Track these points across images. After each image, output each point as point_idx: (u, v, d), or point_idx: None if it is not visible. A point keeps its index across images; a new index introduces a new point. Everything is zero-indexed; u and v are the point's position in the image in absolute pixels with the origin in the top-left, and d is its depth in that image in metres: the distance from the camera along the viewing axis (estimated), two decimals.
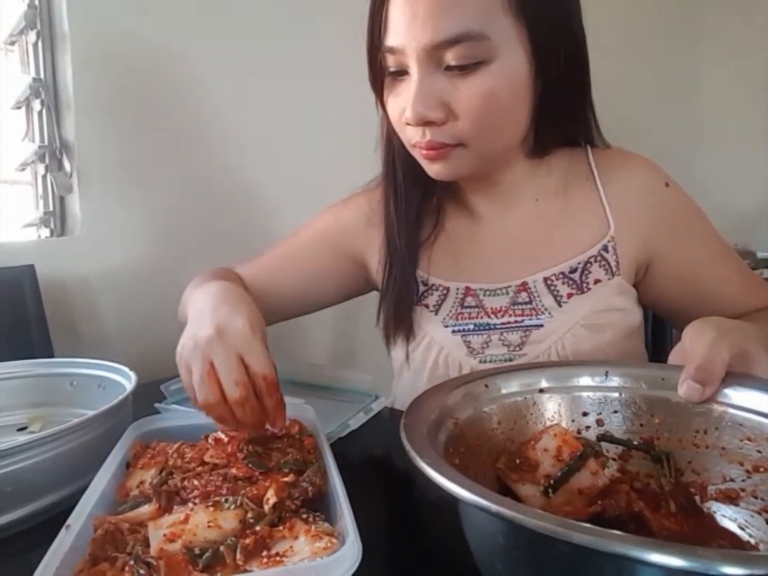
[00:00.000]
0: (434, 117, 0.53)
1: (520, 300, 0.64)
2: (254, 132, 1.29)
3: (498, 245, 0.67)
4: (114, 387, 0.62)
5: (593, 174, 0.65)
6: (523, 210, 0.66)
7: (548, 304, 0.63)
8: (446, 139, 0.55)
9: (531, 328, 0.64)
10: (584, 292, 0.63)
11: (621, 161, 0.66)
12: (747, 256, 2.08)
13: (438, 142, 0.55)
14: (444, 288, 0.67)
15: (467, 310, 0.66)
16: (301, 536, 0.36)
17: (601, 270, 0.63)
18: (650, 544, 0.24)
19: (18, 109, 1.03)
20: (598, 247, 0.63)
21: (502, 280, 0.65)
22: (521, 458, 0.43)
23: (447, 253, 0.68)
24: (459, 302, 0.66)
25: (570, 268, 0.63)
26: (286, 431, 0.53)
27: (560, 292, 0.63)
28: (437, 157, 0.56)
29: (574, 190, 0.65)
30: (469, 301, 0.66)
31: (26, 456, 0.46)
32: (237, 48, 1.24)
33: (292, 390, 0.81)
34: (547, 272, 0.64)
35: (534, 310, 0.64)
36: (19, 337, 0.88)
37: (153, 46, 1.10)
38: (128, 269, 1.08)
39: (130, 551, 0.35)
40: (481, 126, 0.54)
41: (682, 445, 0.44)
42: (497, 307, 0.65)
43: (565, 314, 0.63)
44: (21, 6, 0.99)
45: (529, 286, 0.64)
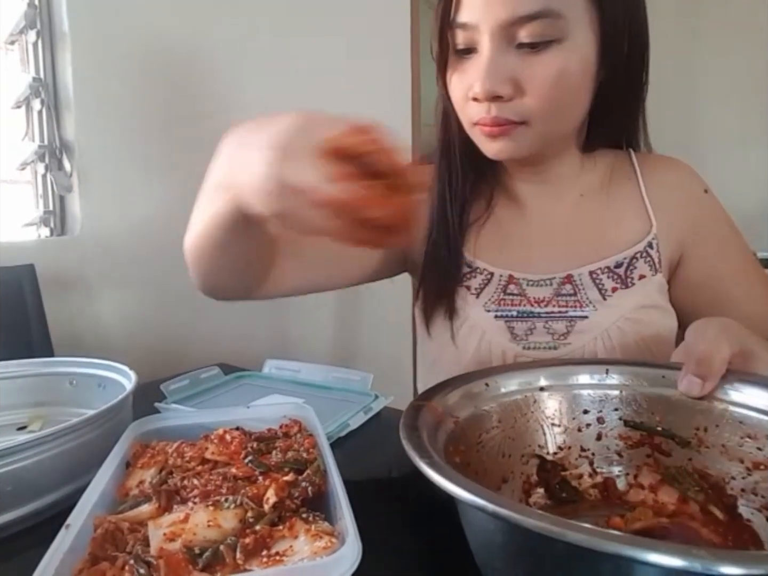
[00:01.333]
0: (503, 92, 0.54)
1: (564, 292, 0.64)
2: None
3: (542, 237, 0.67)
4: (114, 386, 0.62)
5: (636, 174, 0.67)
6: (568, 204, 0.67)
7: (593, 297, 0.63)
8: (512, 115, 0.55)
9: (576, 319, 0.63)
10: (629, 287, 0.63)
11: (664, 164, 0.68)
12: None
13: (503, 118, 0.55)
14: (488, 272, 0.66)
15: (510, 297, 0.66)
16: (301, 536, 0.36)
17: (646, 266, 0.64)
18: (646, 543, 0.24)
19: (18, 108, 1.03)
20: (644, 243, 0.64)
21: (545, 272, 0.65)
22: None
23: (494, 238, 0.68)
24: (502, 289, 0.66)
25: (616, 262, 0.64)
26: (287, 431, 0.53)
27: (605, 285, 0.63)
28: (500, 134, 0.57)
29: (617, 188, 0.67)
30: (512, 288, 0.66)
31: (26, 455, 0.46)
32: (237, 48, 1.24)
33: (293, 390, 0.81)
34: (592, 266, 0.64)
35: (578, 302, 0.64)
36: (19, 337, 0.88)
37: (153, 46, 1.10)
38: (128, 269, 1.08)
39: (130, 551, 0.35)
40: (548, 104, 0.55)
41: (683, 442, 0.44)
42: (540, 297, 0.65)
43: (610, 307, 0.63)
44: (21, 5, 0.99)
45: (574, 278, 0.64)
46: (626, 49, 0.57)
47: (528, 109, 0.55)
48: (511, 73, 0.54)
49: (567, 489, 0.46)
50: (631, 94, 0.62)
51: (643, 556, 0.24)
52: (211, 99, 1.20)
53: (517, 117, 0.56)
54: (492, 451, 0.45)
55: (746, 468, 0.41)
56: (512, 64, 0.54)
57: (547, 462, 0.47)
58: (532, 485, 0.46)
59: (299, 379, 0.85)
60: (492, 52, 0.54)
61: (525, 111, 0.55)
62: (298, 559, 0.34)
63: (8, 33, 1.00)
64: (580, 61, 0.55)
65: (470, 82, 0.56)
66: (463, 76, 0.58)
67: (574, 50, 0.54)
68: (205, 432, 0.51)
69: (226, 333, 1.23)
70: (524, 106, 0.55)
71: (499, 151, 0.59)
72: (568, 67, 0.54)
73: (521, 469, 0.46)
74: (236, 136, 0.42)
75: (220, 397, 0.78)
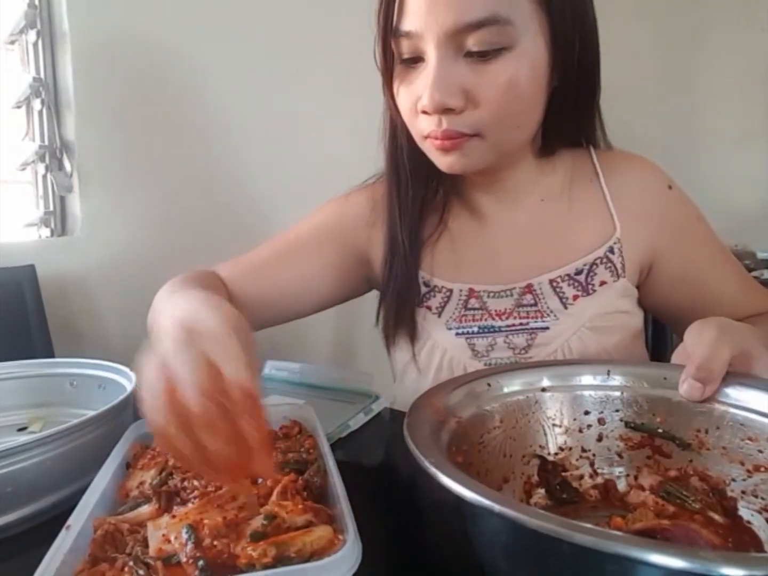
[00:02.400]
0: (453, 104, 0.51)
1: (525, 302, 0.63)
2: (255, 131, 1.29)
3: (502, 246, 0.66)
4: (114, 387, 0.62)
5: (598, 174, 0.65)
6: (529, 210, 0.65)
7: (553, 306, 0.63)
8: (464, 128, 0.53)
9: (537, 331, 0.63)
10: (590, 293, 0.62)
11: (625, 163, 0.66)
12: (747, 256, 2.07)
13: (455, 131, 0.53)
14: (447, 290, 0.66)
15: (471, 312, 0.65)
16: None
17: (607, 272, 0.63)
18: (651, 545, 0.25)
19: (18, 108, 1.03)
20: (604, 249, 0.63)
21: (506, 282, 0.64)
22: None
23: (450, 253, 0.67)
24: (462, 304, 0.65)
25: (576, 269, 0.63)
26: (287, 431, 0.53)
27: (566, 293, 0.63)
28: (452, 147, 0.54)
29: (578, 191, 0.65)
30: (473, 303, 0.65)
31: (26, 456, 0.46)
32: (237, 47, 1.24)
33: (293, 390, 0.81)
34: (552, 274, 0.63)
35: (539, 312, 0.63)
36: (19, 337, 0.88)
37: (153, 46, 1.10)
38: (128, 269, 1.08)
39: (130, 552, 0.35)
40: (501, 115, 0.53)
41: (683, 444, 0.44)
42: (501, 310, 0.64)
43: (570, 317, 0.62)
44: (21, 5, 0.99)
45: (534, 287, 0.63)
46: (577, 53, 0.55)
47: (481, 121, 0.53)
48: (460, 83, 0.51)
49: (568, 490, 0.46)
50: (585, 98, 0.60)
51: (650, 558, 0.24)
52: (210, 99, 1.20)
53: (470, 129, 0.53)
54: (494, 451, 0.45)
55: (746, 470, 0.41)
56: (461, 75, 0.51)
57: (548, 462, 0.47)
58: (533, 485, 0.46)
59: (299, 379, 0.85)
60: (439, 62, 0.51)
61: (477, 123, 0.53)
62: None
63: (8, 33, 1.00)
64: (531, 68, 0.52)
65: (418, 94, 0.53)
66: (411, 87, 0.55)
67: (524, 57, 0.52)
68: None
69: None
70: (476, 117, 0.53)
71: (452, 164, 0.56)
72: (520, 75, 0.52)
73: (522, 470, 0.46)
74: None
75: None
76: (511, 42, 0.50)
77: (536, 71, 0.53)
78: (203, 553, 0.33)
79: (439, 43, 0.51)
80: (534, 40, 0.52)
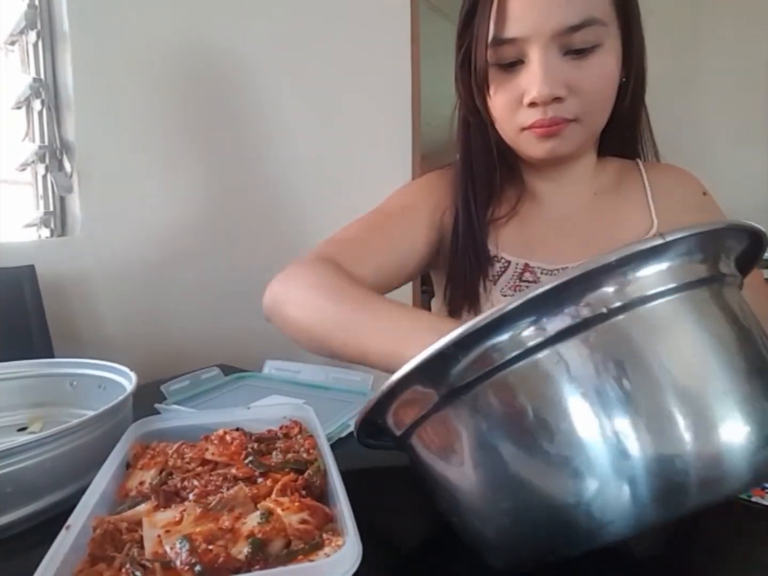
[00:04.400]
0: (560, 93, 0.59)
1: None
2: (256, 131, 1.29)
3: (559, 230, 0.72)
4: (114, 387, 0.62)
5: (643, 179, 0.73)
6: (583, 201, 0.73)
7: None
8: (567, 114, 0.61)
9: None
10: None
11: (667, 171, 0.75)
12: None
13: (560, 117, 0.61)
14: (506, 261, 0.71)
15: (524, 284, 0.70)
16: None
17: None
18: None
19: (18, 109, 1.03)
20: (649, 236, 0.68)
21: (559, 262, 0.69)
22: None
23: (514, 233, 0.72)
24: (517, 276, 0.70)
25: None
26: (287, 431, 0.53)
27: None
28: (555, 132, 0.62)
29: (625, 191, 0.73)
30: (527, 276, 0.70)
31: (26, 456, 0.46)
32: (237, 47, 1.24)
33: (293, 390, 0.81)
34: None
35: None
36: (19, 337, 0.88)
37: (153, 46, 1.10)
38: (128, 269, 1.08)
39: (128, 552, 0.35)
40: (597, 101, 0.62)
41: None
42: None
43: None
44: (21, 6, 0.99)
45: None
46: (635, 62, 0.64)
47: (581, 108, 0.61)
48: (564, 76, 0.59)
49: None
50: (636, 100, 0.68)
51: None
52: (210, 99, 1.20)
53: (571, 115, 0.61)
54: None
55: None
56: (564, 70, 0.59)
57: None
58: None
59: (299, 379, 0.85)
60: (546, 60, 0.59)
61: (578, 109, 0.61)
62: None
63: (8, 33, 1.00)
64: (616, 61, 0.62)
65: (520, 91, 0.61)
66: (510, 85, 0.62)
67: (611, 52, 0.61)
68: (205, 433, 0.51)
69: (226, 333, 1.23)
70: (577, 104, 0.61)
71: (551, 149, 0.64)
72: (610, 68, 0.61)
73: None
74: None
75: (220, 398, 0.78)
76: (603, 39, 0.59)
77: (618, 64, 0.62)
78: (199, 558, 0.33)
79: (546, 44, 0.58)
80: (615, 37, 0.61)
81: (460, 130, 0.72)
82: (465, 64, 0.65)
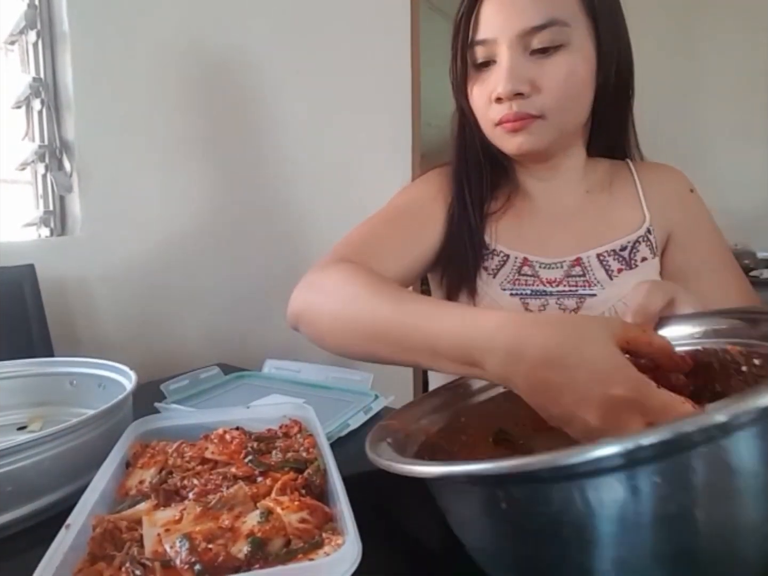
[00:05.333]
0: (523, 89, 0.62)
1: (574, 273, 0.71)
2: (257, 131, 1.29)
3: (554, 226, 0.73)
4: (114, 386, 0.62)
5: (634, 177, 0.75)
6: (576, 198, 0.75)
7: (600, 277, 0.70)
8: (531, 110, 0.63)
9: (585, 296, 0.70)
10: (632, 268, 0.70)
11: (657, 169, 0.77)
12: (747, 256, 2.07)
13: (524, 112, 0.63)
14: (505, 254, 0.73)
15: (524, 278, 0.72)
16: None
17: (647, 249, 0.71)
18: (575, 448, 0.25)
19: (18, 108, 1.03)
20: (644, 229, 0.71)
21: (557, 256, 0.71)
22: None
23: (510, 227, 0.74)
24: (516, 270, 0.72)
25: (621, 246, 0.71)
26: (287, 431, 0.53)
27: (611, 266, 0.70)
28: (521, 127, 0.64)
29: (617, 188, 0.75)
30: (526, 270, 0.72)
31: (26, 455, 0.46)
32: (237, 47, 1.24)
33: (293, 390, 0.81)
34: (599, 249, 0.71)
35: (587, 282, 0.70)
36: (19, 337, 0.88)
37: (153, 46, 1.10)
38: (128, 269, 1.08)
39: (128, 551, 0.35)
40: (560, 99, 0.63)
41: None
42: (552, 278, 0.71)
43: (615, 287, 0.69)
44: (21, 6, 0.99)
45: (582, 261, 0.71)
46: (615, 64, 0.66)
47: (544, 104, 0.63)
48: (528, 74, 0.62)
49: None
50: (621, 102, 0.71)
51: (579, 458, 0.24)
52: (211, 99, 1.20)
53: (536, 111, 0.64)
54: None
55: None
56: (528, 68, 0.63)
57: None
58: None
59: (299, 379, 0.85)
60: (511, 59, 0.62)
61: (542, 105, 0.63)
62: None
63: (8, 33, 1.00)
64: (583, 61, 0.63)
65: (492, 87, 0.65)
66: (484, 84, 0.66)
67: (577, 52, 0.63)
68: (205, 432, 0.51)
69: (226, 332, 1.23)
70: (541, 101, 0.63)
71: (520, 144, 0.66)
72: (575, 66, 0.63)
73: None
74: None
75: (220, 397, 0.78)
76: (567, 40, 0.62)
77: (587, 64, 0.64)
78: (198, 557, 0.33)
79: (511, 44, 0.62)
80: (583, 38, 0.63)
81: (455, 133, 0.75)
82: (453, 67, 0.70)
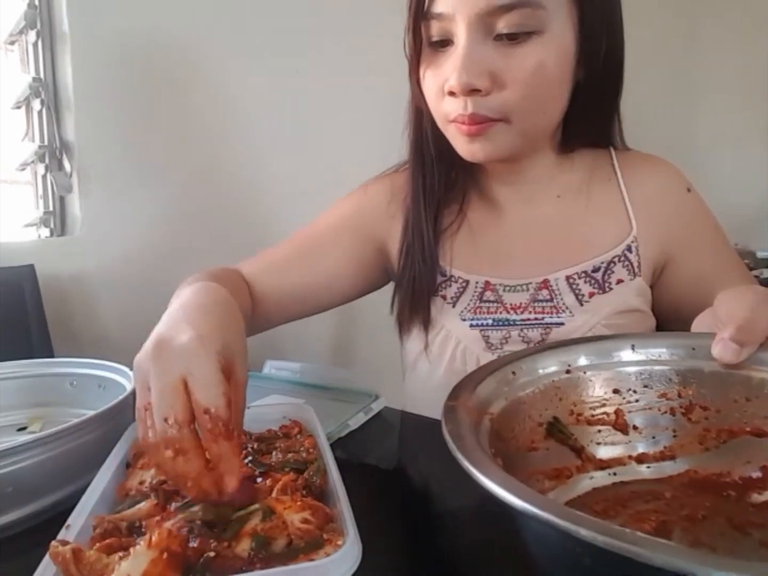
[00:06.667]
0: (480, 85, 0.51)
1: (541, 297, 0.63)
2: (257, 131, 1.29)
3: (519, 239, 0.66)
4: (114, 387, 0.62)
5: (616, 174, 0.65)
6: (546, 206, 0.66)
7: (569, 302, 0.63)
8: (490, 112, 0.53)
9: (551, 326, 0.63)
10: (606, 291, 0.62)
11: (644, 164, 0.66)
12: (747, 256, 2.07)
13: (481, 115, 0.53)
14: (463, 281, 0.66)
15: (486, 305, 0.65)
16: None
17: (624, 270, 0.63)
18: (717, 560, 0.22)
19: (18, 109, 1.03)
20: (622, 247, 0.63)
21: (522, 277, 0.64)
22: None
23: (468, 245, 0.67)
24: (478, 296, 0.65)
25: (593, 267, 0.63)
26: (287, 431, 0.53)
27: (582, 290, 0.63)
28: (477, 132, 0.54)
29: (596, 189, 0.65)
30: (488, 295, 0.65)
31: (26, 456, 0.45)
32: (238, 46, 1.24)
33: (293, 390, 0.81)
34: (569, 270, 0.63)
35: (555, 308, 0.63)
36: (19, 337, 0.88)
37: (153, 46, 1.10)
38: (128, 269, 1.08)
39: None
40: (527, 98, 0.53)
41: (722, 415, 0.41)
42: (517, 304, 0.64)
43: (586, 313, 0.62)
44: (21, 6, 0.99)
45: (550, 283, 0.63)
46: (603, 51, 0.55)
47: (507, 104, 0.53)
48: (488, 65, 0.51)
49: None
50: (608, 94, 0.61)
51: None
52: (211, 99, 1.20)
53: (496, 113, 0.53)
54: (523, 445, 0.41)
55: None
56: (490, 57, 0.51)
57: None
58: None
59: (299, 379, 0.85)
60: (469, 43, 0.51)
61: (503, 106, 0.53)
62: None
63: (8, 33, 1.00)
64: (559, 54, 0.52)
65: (445, 77, 0.53)
66: (438, 70, 0.55)
67: (553, 43, 0.52)
68: None
69: None
70: (502, 100, 0.52)
71: (476, 151, 0.56)
72: (547, 60, 0.52)
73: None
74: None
75: None
76: (541, 26, 0.51)
77: (563, 59, 0.53)
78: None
79: (470, 24, 0.51)
80: (563, 27, 0.52)
81: (411, 120, 0.65)
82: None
